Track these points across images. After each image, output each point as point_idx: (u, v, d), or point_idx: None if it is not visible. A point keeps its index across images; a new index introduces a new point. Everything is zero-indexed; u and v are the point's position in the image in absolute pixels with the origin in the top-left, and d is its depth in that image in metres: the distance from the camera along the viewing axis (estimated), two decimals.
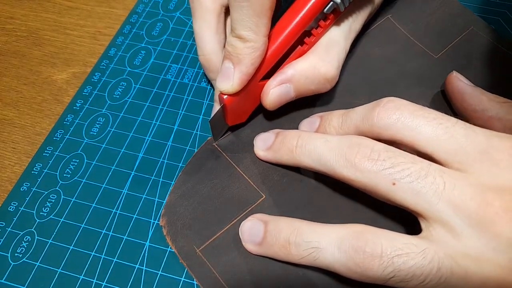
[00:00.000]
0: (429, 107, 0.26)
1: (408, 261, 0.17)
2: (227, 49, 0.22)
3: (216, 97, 0.25)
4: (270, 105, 0.24)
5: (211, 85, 0.30)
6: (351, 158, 0.19)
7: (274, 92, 0.24)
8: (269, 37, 0.22)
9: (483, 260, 0.17)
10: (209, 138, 0.27)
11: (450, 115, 0.19)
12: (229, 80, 0.22)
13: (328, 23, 0.24)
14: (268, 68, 0.23)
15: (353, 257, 0.18)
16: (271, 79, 0.24)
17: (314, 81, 0.24)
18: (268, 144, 0.24)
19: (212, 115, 0.25)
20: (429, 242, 0.17)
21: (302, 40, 0.24)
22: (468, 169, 0.18)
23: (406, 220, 0.19)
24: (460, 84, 0.25)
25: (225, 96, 0.23)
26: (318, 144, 0.21)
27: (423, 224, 0.18)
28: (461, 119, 0.19)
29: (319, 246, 0.19)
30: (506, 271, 0.16)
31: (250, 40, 0.21)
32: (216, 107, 0.26)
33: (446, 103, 0.27)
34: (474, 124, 0.19)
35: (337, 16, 0.24)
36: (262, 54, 0.22)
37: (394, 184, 0.18)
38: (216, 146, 0.26)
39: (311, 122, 0.24)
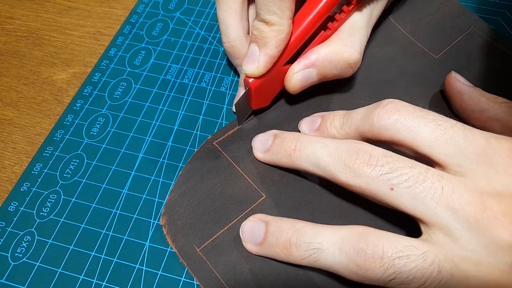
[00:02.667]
0: (429, 108, 0.27)
1: (409, 263, 0.17)
2: (253, 33, 0.23)
3: (241, 82, 0.26)
4: (293, 89, 0.25)
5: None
6: (350, 164, 0.19)
7: (298, 76, 0.24)
8: (293, 22, 0.23)
9: (483, 264, 0.17)
10: (209, 137, 0.27)
11: (450, 116, 0.19)
12: (254, 63, 0.23)
13: (351, 8, 0.24)
14: (292, 52, 0.24)
15: (354, 258, 0.18)
16: (295, 63, 0.24)
17: (337, 65, 0.24)
18: (266, 146, 0.24)
19: (237, 99, 0.25)
20: (430, 245, 0.17)
21: (325, 25, 0.25)
22: (466, 173, 0.18)
23: (407, 221, 0.19)
24: (459, 84, 0.25)
25: (250, 80, 0.24)
26: (317, 148, 0.21)
27: (423, 228, 0.18)
28: (460, 120, 0.19)
29: (320, 247, 0.19)
30: (505, 275, 0.16)
31: (275, 24, 0.22)
32: (241, 91, 0.26)
33: (446, 104, 0.27)
34: (473, 125, 0.19)
35: (360, 1, 0.24)
36: (286, 37, 0.22)
37: (392, 189, 0.18)
38: (216, 145, 0.26)
39: (312, 121, 0.24)
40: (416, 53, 0.29)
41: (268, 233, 0.21)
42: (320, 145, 0.21)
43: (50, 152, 0.27)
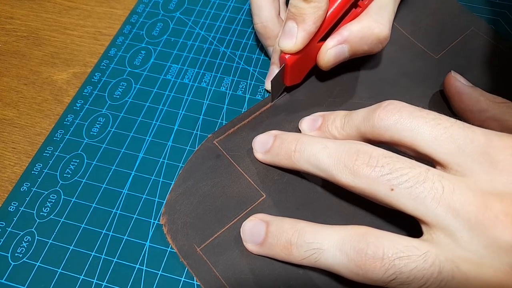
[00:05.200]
0: (429, 108, 0.27)
1: (410, 264, 0.17)
2: (290, 10, 0.23)
3: (274, 60, 0.28)
4: (327, 65, 0.26)
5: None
6: (350, 165, 0.19)
7: (331, 52, 0.25)
8: None
9: (484, 264, 0.16)
10: (209, 136, 0.27)
11: (450, 116, 0.19)
12: (292, 39, 0.23)
13: None
14: (327, 28, 0.25)
15: (355, 259, 0.18)
16: (329, 39, 0.25)
17: (367, 41, 0.25)
18: (267, 148, 0.24)
19: (270, 76, 0.27)
20: (431, 246, 0.17)
21: (356, 3, 0.26)
22: (467, 172, 0.18)
23: (408, 221, 0.19)
24: (458, 84, 0.25)
25: (287, 56, 0.24)
26: (317, 150, 0.21)
27: (423, 228, 0.18)
28: (460, 120, 0.19)
29: (320, 247, 0.19)
30: (506, 276, 0.16)
31: (314, 0, 0.22)
32: (273, 70, 0.28)
33: (446, 104, 0.27)
34: (472, 125, 0.19)
35: None
36: (324, 13, 0.23)
37: (392, 189, 0.18)
38: (217, 144, 0.26)
39: (313, 120, 0.24)
40: (416, 53, 0.29)
41: (268, 233, 0.21)
42: (320, 146, 0.21)
43: (50, 152, 0.27)
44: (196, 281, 0.22)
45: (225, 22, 0.33)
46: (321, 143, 0.21)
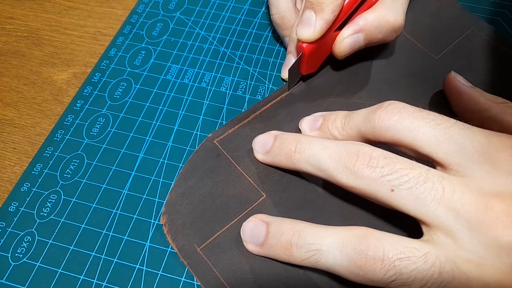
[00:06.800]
0: (429, 108, 0.27)
1: (410, 265, 0.17)
2: (308, 0, 0.24)
3: (290, 49, 0.28)
4: (342, 54, 0.26)
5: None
6: (350, 165, 0.19)
7: (347, 41, 0.25)
8: None
9: (484, 265, 0.16)
10: (209, 135, 0.27)
11: (450, 116, 0.19)
12: (310, 28, 0.24)
13: None
14: (344, 18, 0.25)
15: (355, 260, 0.18)
16: (345, 28, 0.25)
17: (382, 30, 0.25)
18: (267, 148, 0.24)
19: (287, 65, 0.28)
20: (431, 246, 0.17)
21: None
22: (467, 172, 0.18)
23: (408, 221, 0.19)
24: (458, 84, 0.25)
25: (304, 45, 0.25)
26: (317, 150, 0.21)
27: (424, 229, 0.18)
28: (460, 120, 0.19)
29: (320, 248, 0.19)
30: (507, 276, 0.16)
31: None
32: (290, 59, 0.28)
33: (446, 104, 0.27)
34: (472, 125, 0.19)
35: None
36: (341, 2, 0.24)
37: (392, 190, 0.18)
38: (217, 143, 0.26)
39: (313, 120, 0.24)
40: (416, 53, 0.29)
41: (269, 234, 0.21)
42: (320, 146, 0.21)
43: (50, 152, 0.27)
44: (196, 281, 0.22)
45: (225, 22, 0.33)
46: (321, 144, 0.21)
